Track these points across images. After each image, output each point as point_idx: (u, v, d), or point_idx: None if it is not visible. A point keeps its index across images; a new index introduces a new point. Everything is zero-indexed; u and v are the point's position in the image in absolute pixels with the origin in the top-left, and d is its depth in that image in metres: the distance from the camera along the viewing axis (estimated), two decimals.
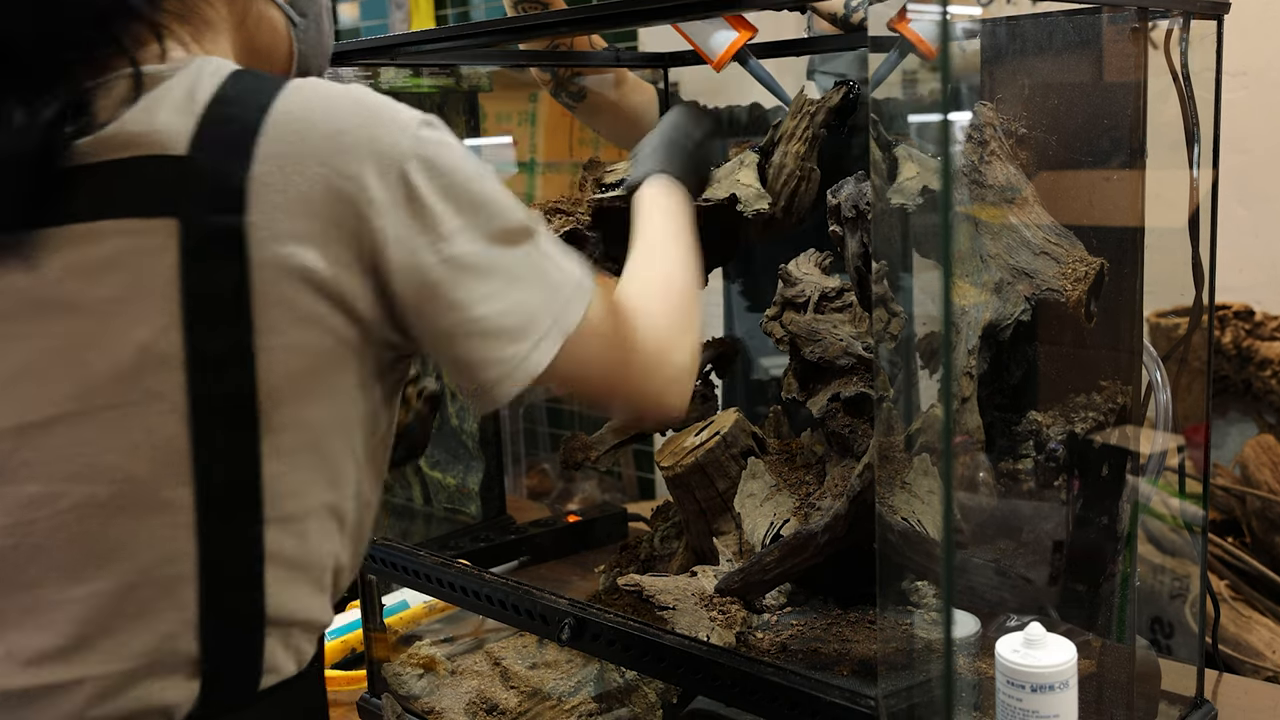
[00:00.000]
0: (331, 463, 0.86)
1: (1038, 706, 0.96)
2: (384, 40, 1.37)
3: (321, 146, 0.79)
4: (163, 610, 0.81)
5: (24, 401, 0.78)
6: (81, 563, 0.79)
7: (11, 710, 0.80)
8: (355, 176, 0.79)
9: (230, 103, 0.80)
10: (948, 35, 0.79)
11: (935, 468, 1.09)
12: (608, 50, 1.77)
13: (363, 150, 0.80)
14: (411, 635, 1.66)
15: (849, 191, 1.19)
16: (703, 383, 1.54)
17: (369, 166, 0.80)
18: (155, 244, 0.77)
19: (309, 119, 0.80)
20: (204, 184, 0.77)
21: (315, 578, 0.87)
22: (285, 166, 0.78)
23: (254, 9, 0.93)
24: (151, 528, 0.80)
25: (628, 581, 1.25)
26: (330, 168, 0.79)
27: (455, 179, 0.83)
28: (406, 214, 0.81)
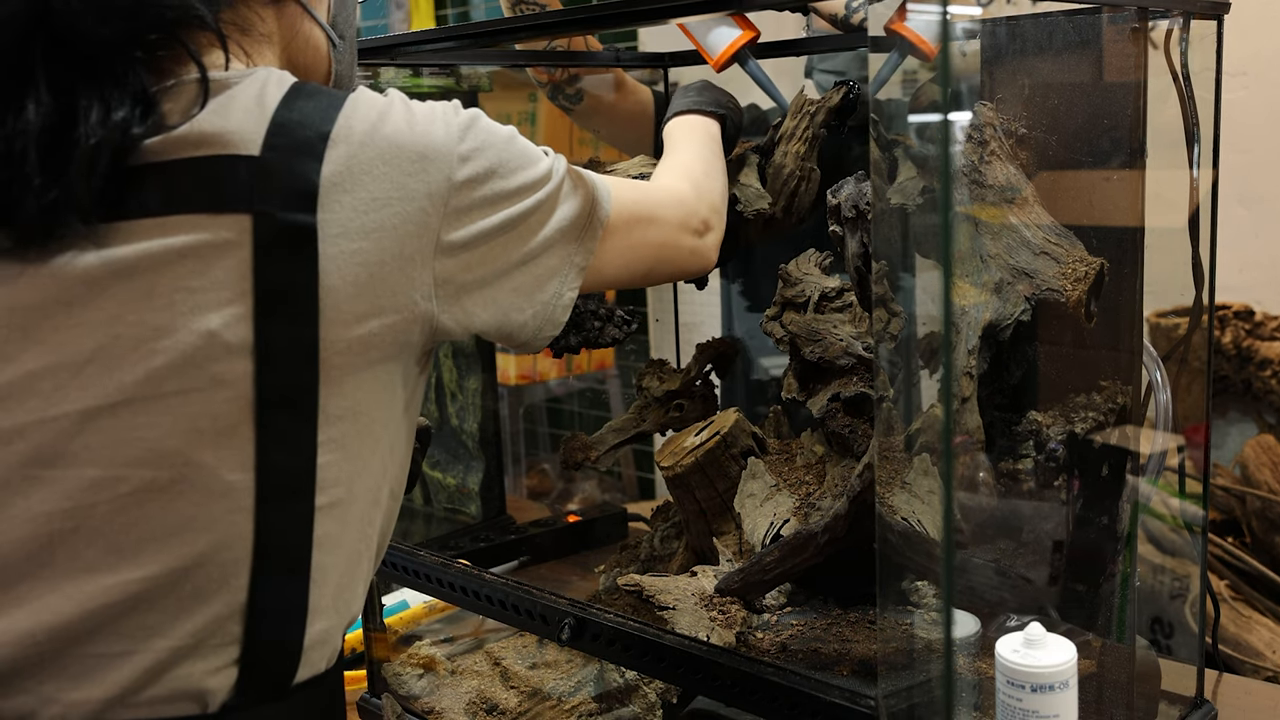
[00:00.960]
0: (376, 452, 0.90)
1: (1038, 706, 0.96)
2: (384, 40, 1.37)
3: (385, 151, 0.86)
4: (216, 593, 0.83)
5: (91, 386, 0.80)
6: (139, 547, 0.81)
7: (58, 677, 0.82)
8: (416, 176, 0.87)
9: (299, 109, 0.85)
10: (947, 35, 0.79)
11: (935, 468, 1.09)
12: (607, 50, 1.77)
13: (419, 156, 0.87)
14: (411, 635, 1.66)
15: (849, 191, 1.19)
16: (703, 383, 1.54)
17: (424, 171, 0.87)
18: (228, 238, 0.81)
19: (373, 126, 0.86)
20: (277, 183, 0.82)
21: (352, 568, 0.91)
22: (353, 168, 0.84)
23: (303, 28, 0.99)
24: (212, 512, 0.82)
25: (628, 581, 1.25)
26: (393, 168, 0.86)
27: (493, 175, 0.91)
28: (456, 212, 0.89)
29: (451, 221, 0.89)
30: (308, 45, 1.00)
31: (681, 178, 1.19)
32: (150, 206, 0.81)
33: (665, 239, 1.09)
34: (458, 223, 0.89)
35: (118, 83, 0.81)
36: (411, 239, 0.86)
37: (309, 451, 0.85)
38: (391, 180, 0.86)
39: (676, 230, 1.11)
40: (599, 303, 1.39)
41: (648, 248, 1.07)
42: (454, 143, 0.89)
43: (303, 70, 1.01)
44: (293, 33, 0.98)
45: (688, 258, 1.13)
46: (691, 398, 1.52)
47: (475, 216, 0.90)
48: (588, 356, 3.31)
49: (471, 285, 0.91)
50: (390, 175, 0.86)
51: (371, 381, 0.88)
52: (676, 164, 1.24)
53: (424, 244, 0.87)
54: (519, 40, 1.57)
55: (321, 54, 1.02)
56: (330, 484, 0.86)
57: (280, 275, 0.82)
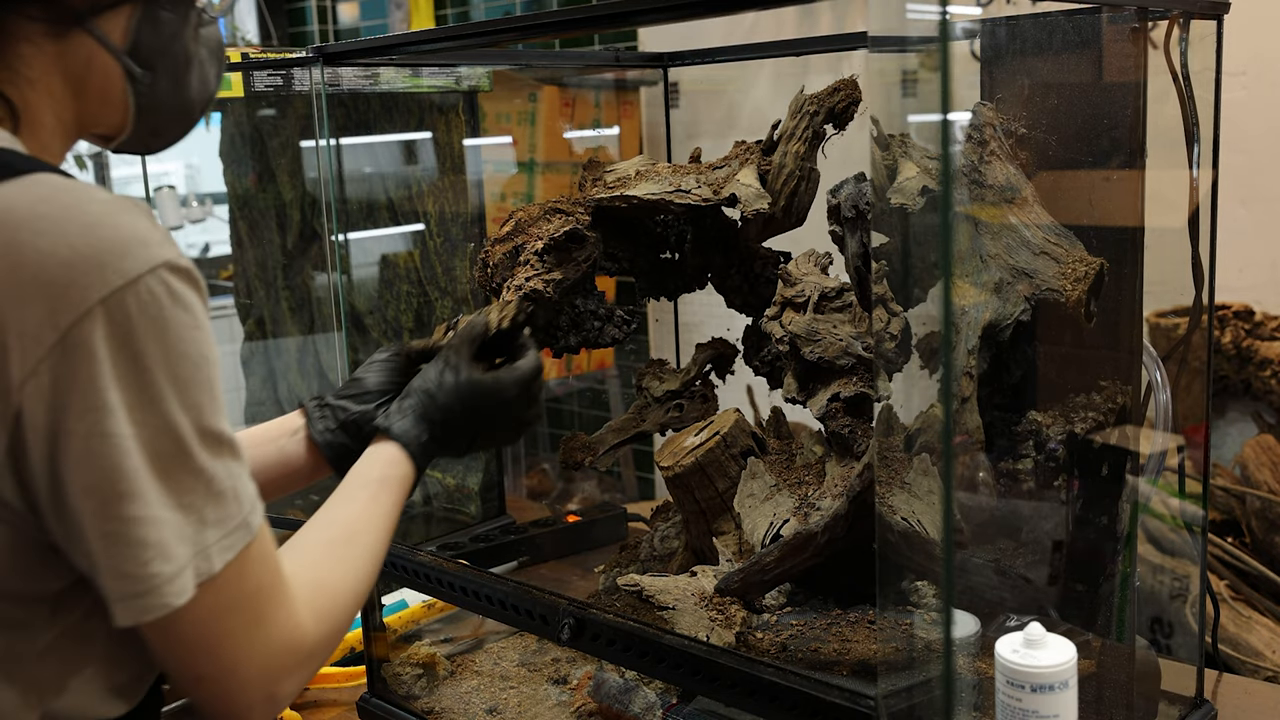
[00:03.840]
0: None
1: (1038, 706, 0.96)
2: (384, 40, 1.37)
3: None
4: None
5: None
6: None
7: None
8: (20, 308, 0.69)
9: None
10: (947, 35, 0.79)
11: (935, 468, 1.09)
12: (607, 50, 1.77)
13: (46, 277, 0.69)
14: (411, 635, 1.66)
15: (849, 191, 1.19)
16: (703, 383, 1.55)
17: (41, 305, 0.69)
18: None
19: (3, 219, 0.70)
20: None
21: None
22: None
23: (80, 51, 0.84)
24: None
25: (628, 581, 1.25)
26: None
27: (151, 349, 0.71)
28: (61, 364, 0.70)
29: (46, 386, 0.70)
30: (91, 72, 0.85)
31: (332, 596, 0.88)
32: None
33: (254, 654, 0.79)
34: (54, 394, 0.70)
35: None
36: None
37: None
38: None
39: (265, 665, 0.80)
40: (599, 303, 1.39)
41: (227, 646, 0.78)
42: (106, 292, 0.69)
43: (95, 104, 0.87)
44: (85, 71, 0.84)
45: (234, 701, 0.80)
46: (691, 398, 1.52)
47: (85, 396, 0.70)
48: (587, 356, 3.31)
49: (43, 482, 0.72)
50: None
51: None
52: (339, 572, 0.91)
53: (1, 392, 0.70)
54: (520, 40, 1.57)
55: (114, 90, 0.87)
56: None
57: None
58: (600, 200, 1.39)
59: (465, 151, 2.05)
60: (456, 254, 2.08)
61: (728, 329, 1.52)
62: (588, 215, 1.41)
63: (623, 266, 1.48)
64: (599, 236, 1.41)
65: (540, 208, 1.43)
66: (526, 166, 3.13)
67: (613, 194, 1.39)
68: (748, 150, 1.42)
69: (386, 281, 2.16)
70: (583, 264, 1.39)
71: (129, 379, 0.71)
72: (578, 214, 1.42)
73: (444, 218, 2.09)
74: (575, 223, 1.40)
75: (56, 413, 0.70)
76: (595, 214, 1.41)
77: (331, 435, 1.13)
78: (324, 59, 1.42)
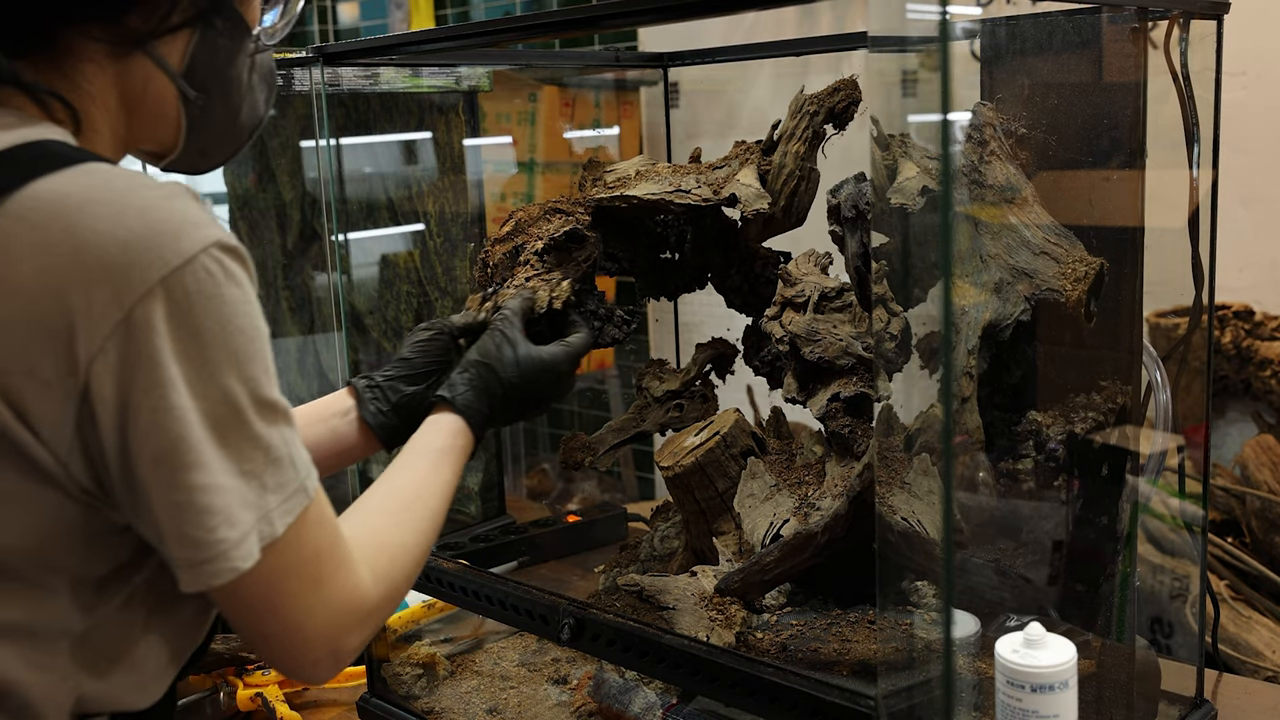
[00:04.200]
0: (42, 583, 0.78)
1: (1038, 706, 0.96)
2: (384, 40, 1.37)
3: (59, 243, 0.71)
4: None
5: None
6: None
7: None
8: (85, 290, 0.71)
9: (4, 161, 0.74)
10: (947, 35, 0.79)
11: (935, 468, 1.09)
12: (607, 50, 1.77)
13: (107, 260, 0.71)
14: (411, 635, 1.66)
15: (849, 191, 1.19)
16: (703, 383, 1.55)
17: (104, 286, 0.71)
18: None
19: (62, 205, 0.72)
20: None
21: (19, 710, 0.78)
22: (11, 245, 0.71)
23: (139, 72, 0.86)
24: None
25: (628, 581, 1.25)
26: (60, 268, 0.71)
27: (208, 325, 0.74)
28: (125, 343, 0.72)
29: (114, 363, 0.72)
30: (147, 92, 0.87)
31: (392, 557, 0.92)
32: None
33: (315, 614, 0.82)
34: (121, 371, 0.72)
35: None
36: (51, 358, 0.72)
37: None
38: (48, 280, 0.71)
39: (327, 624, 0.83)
40: (599, 302, 1.39)
41: (289, 607, 0.81)
42: (164, 273, 0.72)
43: (147, 131, 0.89)
44: (142, 90, 0.86)
45: (302, 664, 0.85)
46: (691, 398, 1.52)
47: (149, 372, 0.73)
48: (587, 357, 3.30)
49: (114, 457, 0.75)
50: (48, 272, 0.71)
51: (27, 512, 0.75)
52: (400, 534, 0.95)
53: (69, 369, 0.72)
54: (520, 40, 1.57)
55: (168, 110, 0.89)
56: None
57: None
58: (600, 200, 1.39)
59: (465, 151, 2.05)
60: (456, 254, 2.09)
61: (728, 329, 1.52)
62: (588, 215, 1.41)
63: (623, 266, 1.48)
64: (599, 236, 1.40)
65: (540, 208, 1.43)
66: (526, 166, 3.13)
67: (613, 194, 1.39)
68: (748, 150, 1.42)
69: (386, 281, 2.16)
70: (583, 264, 1.39)
71: (189, 354, 0.73)
72: (578, 214, 1.42)
73: (444, 218, 2.09)
74: (575, 223, 1.40)
75: (124, 388, 0.73)
76: (595, 214, 1.41)
77: (384, 417, 1.17)
78: (324, 59, 1.42)
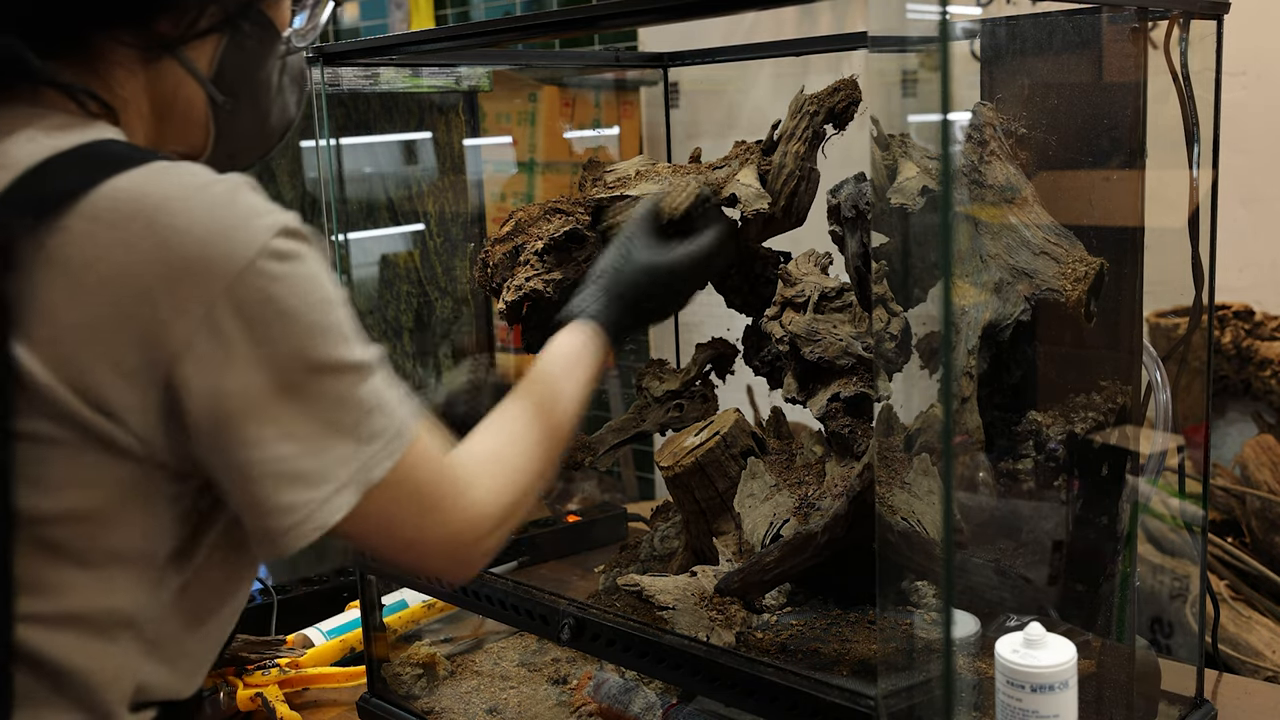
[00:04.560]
0: (114, 575, 0.79)
1: (1038, 706, 0.96)
2: (384, 40, 1.37)
3: (139, 242, 0.73)
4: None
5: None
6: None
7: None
8: (170, 285, 0.73)
9: (65, 165, 0.76)
10: (947, 35, 0.79)
11: (935, 468, 1.09)
12: (607, 50, 1.77)
13: (184, 264, 0.74)
14: (411, 635, 1.66)
15: (849, 191, 1.19)
16: (703, 383, 1.55)
17: (187, 281, 0.74)
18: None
19: (144, 208, 0.74)
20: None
21: (83, 697, 0.79)
22: (86, 246, 0.73)
23: (169, 77, 0.87)
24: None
25: (628, 581, 1.25)
26: (140, 261, 0.73)
27: (284, 307, 0.76)
28: (212, 333, 0.74)
29: (203, 353, 0.74)
30: (177, 97, 0.88)
31: (505, 485, 0.94)
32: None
33: (428, 536, 0.87)
34: (210, 359, 0.74)
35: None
36: (135, 350, 0.74)
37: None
38: (131, 277, 0.73)
39: (446, 541, 0.89)
40: None
41: (405, 532, 0.86)
42: (240, 265, 0.74)
43: (178, 127, 0.90)
44: (173, 94, 0.87)
45: (438, 561, 0.91)
46: (691, 398, 1.52)
47: (236, 358, 0.75)
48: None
49: (206, 436, 0.77)
50: (131, 269, 0.73)
51: (98, 489, 0.76)
52: (519, 445, 0.96)
53: (154, 360, 0.74)
54: (520, 40, 1.57)
55: (197, 114, 0.89)
56: (36, 593, 0.76)
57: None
58: (600, 200, 1.39)
59: (465, 151, 2.05)
60: (456, 254, 2.09)
61: (728, 329, 1.52)
62: (588, 215, 1.41)
63: None
64: (599, 236, 1.41)
65: (540, 208, 1.43)
66: (526, 166, 3.13)
67: (613, 194, 1.39)
68: (748, 150, 1.42)
69: (386, 281, 2.16)
70: (583, 264, 1.39)
71: (271, 336, 0.76)
72: (578, 214, 1.42)
73: (444, 218, 2.09)
74: (575, 223, 1.40)
75: (214, 375, 0.75)
76: (595, 214, 1.41)
77: None
78: (324, 59, 1.42)
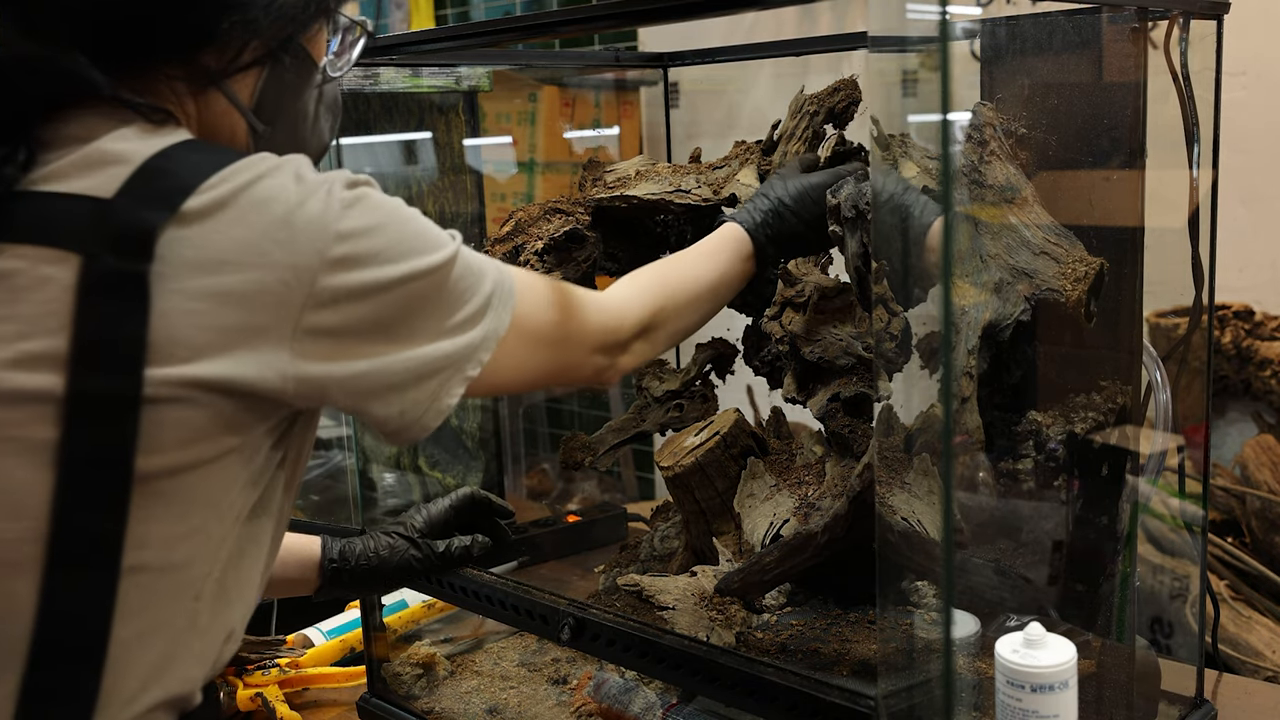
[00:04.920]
0: (205, 529, 0.84)
1: (1038, 706, 0.96)
2: (384, 40, 1.37)
3: (248, 214, 0.80)
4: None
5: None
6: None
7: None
8: (281, 245, 0.80)
9: (176, 159, 0.82)
10: (947, 35, 0.79)
11: (935, 468, 1.09)
12: (607, 50, 1.77)
13: (286, 224, 0.81)
14: (411, 635, 1.66)
15: (849, 191, 1.19)
16: (703, 383, 1.55)
17: (292, 241, 0.80)
18: (48, 275, 0.78)
19: (245, 185, 0.81)
20: (118, 229, 0.78)
21: (167, 649, 0.84)
22: (208, 225, 0.79)
23: (215, 105, 0.92)
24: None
25: (628, 581, 1.25)
26: (253, 232, 0.80)
27: (377, 258, 0.83)
28: (326, 292, 0.82)
29: (319, 301, 0.81)
30: (220, 124, 0.94)
31: (635, 290, 1.08)
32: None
33: (570, 359, 1.00)
34: (327, 304, 0.82)
35: (5, 135, 0.82)
36: (264, 311, 0.80)
37: (118, 514, 0.79)
38: (248, 244, 0.79)
39: (586, 352, 1.01)
40: None
41: (548, 364, 0.97)
42: (333, 218, 0.82)
43: None
44: (217, 123, 0.93)
45: (590, 376, 1.03)
46: (691, 398, 1.52)
47: (349, 301, 0.83)
48: None
49: (335, 371, 0.84)
50: (248, 239, 0.79)
51: (205, 444, 0.82)
52: (653, 273, 1.11)
53: (281, 319, 0.81)
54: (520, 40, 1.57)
55: (238, 142, 0.95)
56: (141, 553, 0.81)
57: (102, 322, 0.77)
58: (600, 200, 1.39)
59: (465, 151, 2.05)
60: None
61: (728, 329, 1.52)
62: (588, 215, 1.42)
63: (623, 266, 1.48)
64: (599, 236, 1.41)
65: (540, 208, 1.43)
66: (526, 166, 3.13)
67: (613, 194, 1.39)
68: (748, 150, 1.42)
69: None
70: (583, 264, 1.39)
71: (377, 274, 0.83)
72: (578, 214, 1.42)
73: (444, 218, 2.09)
74: (575, 223, 1.40)
75: (337, 314, 0.82)
76: (595, 214, 1.41)
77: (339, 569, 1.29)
78: None
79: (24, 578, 0.78)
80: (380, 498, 2.18)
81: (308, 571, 1.27)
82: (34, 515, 0.78)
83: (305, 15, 0.93)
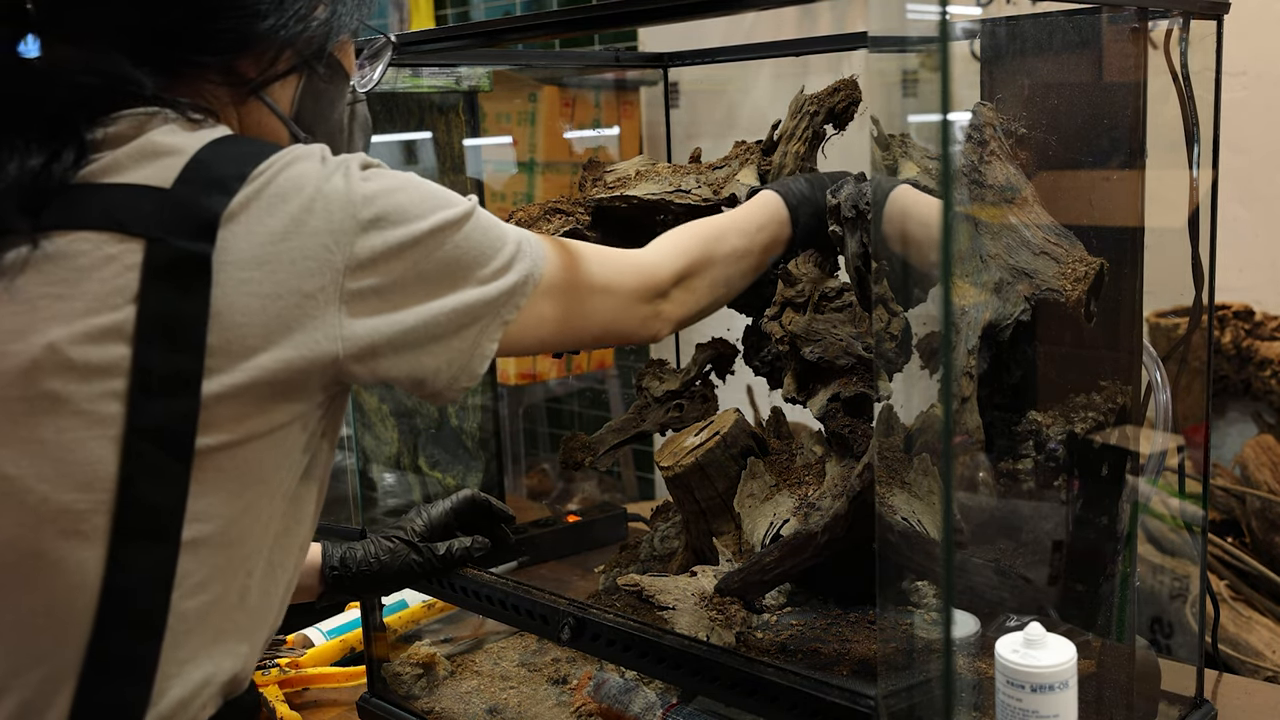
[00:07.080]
0: (260, 502, 0.88)
1: (1038, 706, 0.96)
2: None
3: (286, 189, 0.85)
4: (51, 651, 0.82)
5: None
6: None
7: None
8: (315, 214, 0.85)
9: (225, 150, 0.87)
10: (947, 35, 0.79)
11: (935, 468, 1.09)
12: (607, 50, 1.77)
13: (319, 194, 0.86)
14: (411, 635, 1.66)
15: (849, 191, 1.19)
16: (703, 383, 1.54)
17: (326, 210, 0.86)
18: (112, 254, 0.82)
19: (283, 167, 0.86)
20: (180, 214, 0.82)
21: (220, 624, 0.87)
22: (254, 204, 0.84)
23: (266, 122, 0.97)
24: (57, 555, 0.81)
25: (628, 581, 1.25)
26: (292, 204, 0.85)
27: (404, 216, 0.88)
28: (364, 252, 0.86)
29: (359, 263, 0.86)
30: (262, 131, 0.98)
31: (669, 241, 1.13)
32: (62, 222, 0.83)
33: (612, 309, 1.04)
34: (367, 265, 0.86)
35: (54, 136, 0.85)
36: (311, 276, 0.84)
37: (178, 488, 0.82)
38: (289, 215, 0.84)
39: (627, 300, 1.05)
40: None
41: (592, 315, 1.02)
42: (357, 186, 0.87)
43: None
44: (257, 127, 0.97)
45: (637, 327, 1.08)
46: (691, 398, 1.52)
47: (386, 259, 0.87)
48: (587, 356, 3.31)
49: (383, 328, 0.88)
50: (288, 211, 0.84)
51: (261, 420, 0.85)
52: (689, 227, 1.17)
53: (328, 284, 0.85)
54: (520, 40, 1.57)
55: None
56: (199, 527, 0.84)
57: (167, 301, 0.81)
58: (600, 200, 1.39)
59: (465, 151, 2.05)
60: None
61: (728, 329, 1.52)
62: (588, 215, 1.41)
63: None
64: (599, 236, 1.40)
65: (540, 208, 1.43)
66: (526, 166, 3.13)
67: (613, 194, 1.39)
68: (748, 150, 1.42)
69: None
70: None
71: (406, 225, 0.88)
72: (578, 214, 1.42)
73: None
74: (575, 223, 1.40)
75: (377, 273, 0.87)
76: (595, 214, 1.41)
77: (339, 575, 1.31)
78: None
79: (93, 549, 0.81)
80: (380, 498, 2.18)
81: (309, 578, 1.27)
82: (104, 488, 0.80)
83: (336, 22, 0.98)
